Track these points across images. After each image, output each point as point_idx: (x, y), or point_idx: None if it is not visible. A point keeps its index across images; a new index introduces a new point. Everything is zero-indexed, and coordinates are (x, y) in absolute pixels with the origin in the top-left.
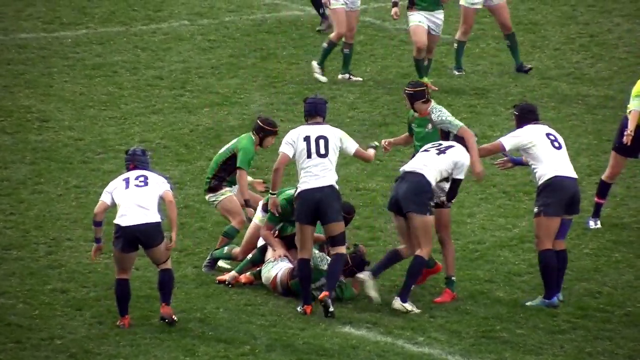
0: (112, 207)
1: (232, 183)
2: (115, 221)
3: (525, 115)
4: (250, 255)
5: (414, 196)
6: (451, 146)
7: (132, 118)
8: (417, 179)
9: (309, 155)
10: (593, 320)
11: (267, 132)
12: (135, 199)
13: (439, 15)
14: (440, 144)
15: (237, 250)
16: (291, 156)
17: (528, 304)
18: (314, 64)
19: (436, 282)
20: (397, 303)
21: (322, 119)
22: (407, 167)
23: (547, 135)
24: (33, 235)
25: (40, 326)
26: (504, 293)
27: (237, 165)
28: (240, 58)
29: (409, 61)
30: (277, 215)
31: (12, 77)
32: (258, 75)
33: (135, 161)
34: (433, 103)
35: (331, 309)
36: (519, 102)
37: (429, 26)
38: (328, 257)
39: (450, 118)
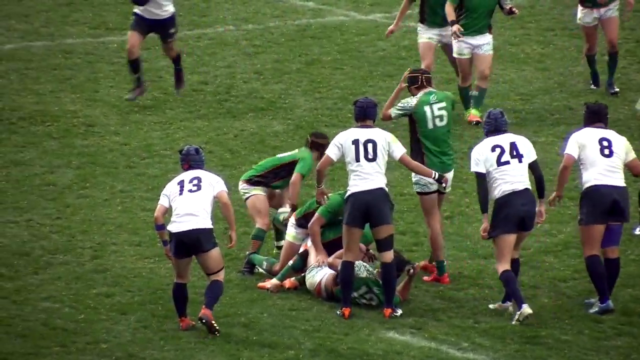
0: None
1: (274, 188)
2: (168, 227)
3: (589, 116)
4: (291, 262)
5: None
6: (521, 155)
7: (177, 123)
8: (531, 194)
9: (357, 159)
10: (639, 327)
11: (324, 145)
12: (187, 205)
13: (482, 39)
14: (503, 151)
15: (277, 266)
16: (335, 159)
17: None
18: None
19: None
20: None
21: (372, 122)
22: (516, 185)
23: (600, 140)
24: (79, 239)
25: (86, 330)
26: (548, 299)
27: (296, 170)
28: (284, 63)
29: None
30: (329, 210)
31: (58, 82)
32: (302, 81)
33: (189, 161)
34: (420, 93)
35: (399, 312)
36: (591, 102)
37: (472, 50)
38: (365, 264)
39: (396, 110)
